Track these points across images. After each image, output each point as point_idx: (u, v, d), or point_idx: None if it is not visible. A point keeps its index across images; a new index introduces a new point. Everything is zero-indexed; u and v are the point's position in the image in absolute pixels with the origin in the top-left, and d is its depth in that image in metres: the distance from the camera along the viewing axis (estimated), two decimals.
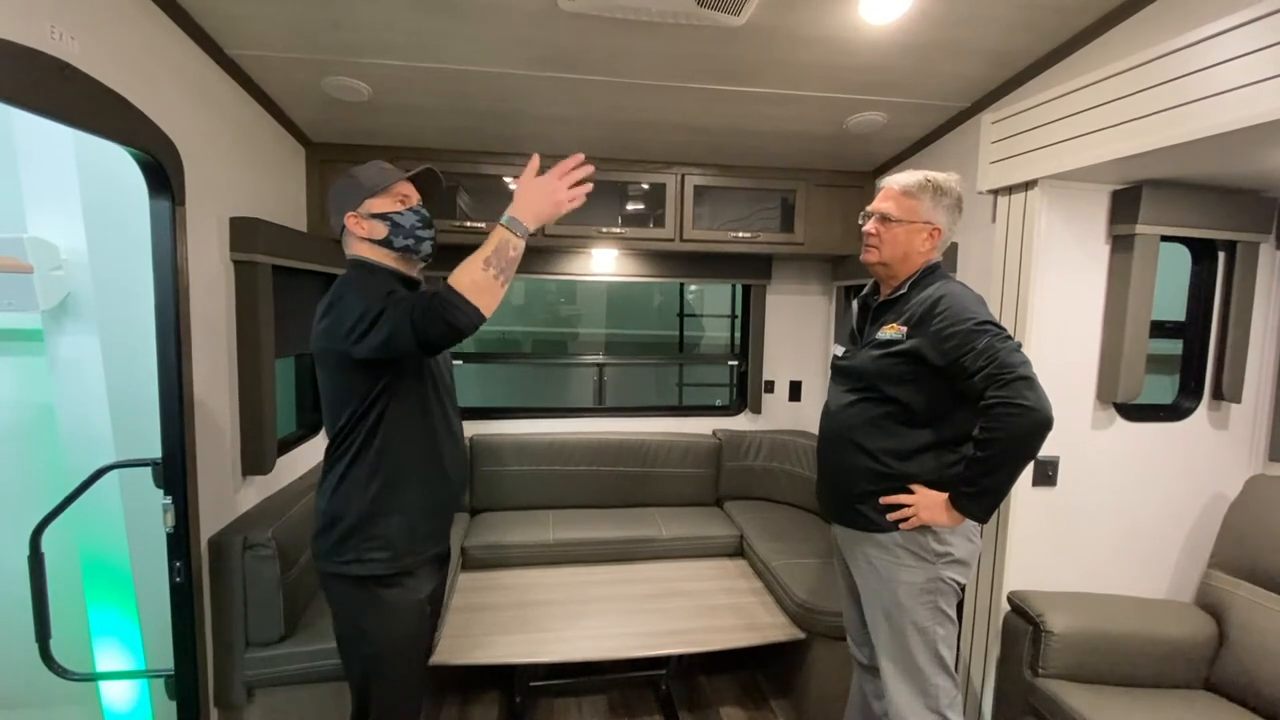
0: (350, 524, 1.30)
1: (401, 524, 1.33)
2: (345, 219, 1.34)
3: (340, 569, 1.32)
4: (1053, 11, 1.61)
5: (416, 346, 1.20)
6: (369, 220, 1.34)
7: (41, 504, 1.72)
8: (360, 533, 1.31)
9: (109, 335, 2.21)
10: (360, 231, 1.34)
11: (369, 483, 1.31)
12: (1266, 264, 1.87)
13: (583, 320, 9.03)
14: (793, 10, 1.60)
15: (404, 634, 1.38)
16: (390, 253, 1.36)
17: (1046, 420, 1.27)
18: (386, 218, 1.34)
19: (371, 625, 1.35)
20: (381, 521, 1.31)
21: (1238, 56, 1.21)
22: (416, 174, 1.41)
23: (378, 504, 1.31)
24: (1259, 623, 1.65)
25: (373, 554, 1.31)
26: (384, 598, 1.34)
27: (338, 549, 1.32)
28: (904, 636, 1.45)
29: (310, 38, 1.72)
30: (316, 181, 2.45)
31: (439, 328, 1.17)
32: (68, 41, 1.20)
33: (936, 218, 1.45)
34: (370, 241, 1.35)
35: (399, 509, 1.33)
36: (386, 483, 1.32)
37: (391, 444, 1.31)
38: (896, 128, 2.29)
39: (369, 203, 1.34)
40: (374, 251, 1.36)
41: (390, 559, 1.32)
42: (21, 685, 2.38)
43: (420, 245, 1.37)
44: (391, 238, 1.34)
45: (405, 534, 1.34)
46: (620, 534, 2.71)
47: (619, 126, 2.31)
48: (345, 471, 1.31)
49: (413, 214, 1.36)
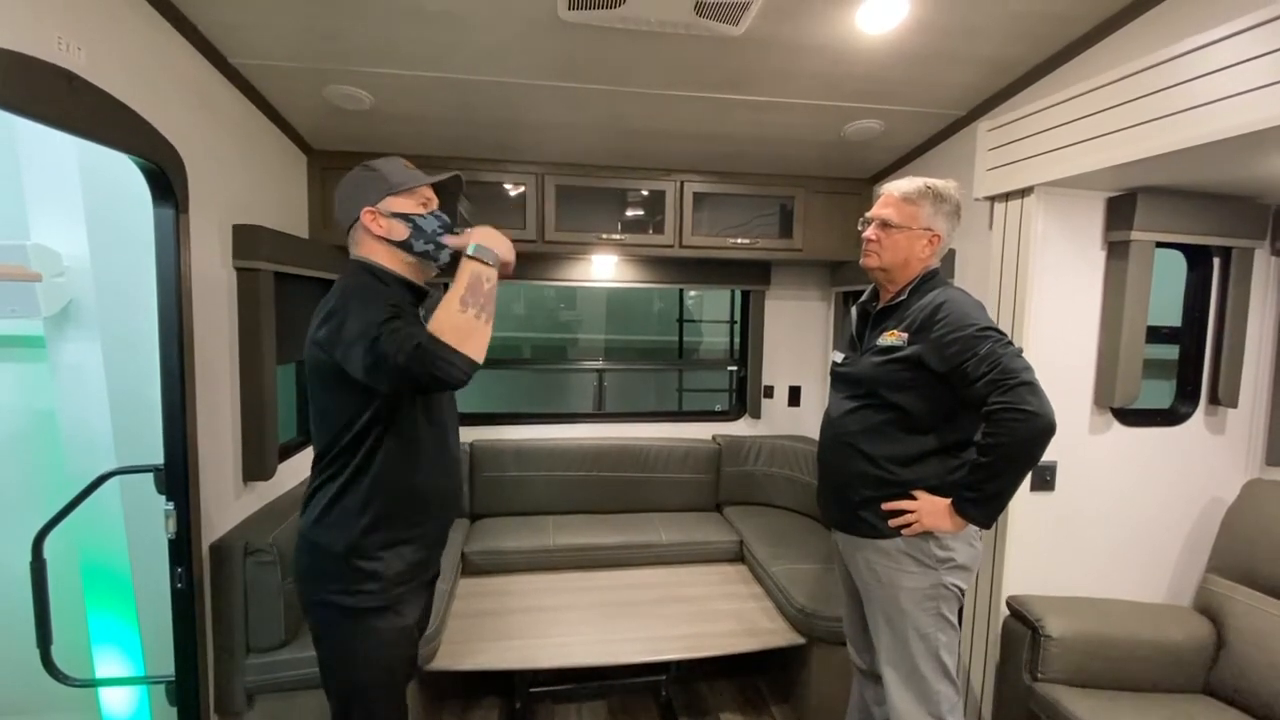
0: (338, 553, 1.23)
1: (394, 558, 1.26)
2: (361, 213, 1.24)
3: (328, 597, 1.25)
4: (1046, 21, 1.63)
5: (414, 391, 1.14)
6: (388, 219, 1.24)
7: (42, 510, 1.72)
8: (348, 564, 1.23)
9: (110, 341, 2.22)
10: (377, 230, 1.24)
11: (360, 514, 1.23)
12: (1261, 270, 1.88)
13: (583, 326, 9.03)
14: (791, 20, 1.62)
15: (390, 660, 1.32)
16: (406, 257, 1.27)
17: (1050, 425, 1.27)
18: (408, 219, 1.24)
19: (358, 653, 1.27)
20: (372, 555, 1.24)
21: (1231, 65, 1.22)
22: (443, 180, 1.31)
23: (370, 537, 1.23)
24: (1257, 627, 1.66)
25: (362, 585, 1.24)
26: (372, 626, 1.26)
27: (324, 577, 1.25)
28: (906, 642, 1.45)
29: (313, 47, 1.73)
30: (318, 188, 2.46)
31: (428, 383, 1.09)
32: (74, 52, 1.21)
33: (936, 224, 1.47)
34: (386, 242, 1.25)
35: (392, 543, 1.26)
36: (380, 516, 1.24)
37: (386, 474, 1.23)
38: (894, 135, 2.31)
39: (390, 200, 1.24)
40: (387, 254, 1.26)
41: (379, 591, 1.25)
42: (20, 691, 2.37)
43: (440, 252, 1.27)
44: (412, 240, 1.25)
45: (397, 565, 1.27)
46: (620, 539, 2.72)
47: (619, 134, 2.33)
48: (336, 498, 1.23)
49: (435, 218, 1.27)
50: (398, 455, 1.25)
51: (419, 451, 1.28)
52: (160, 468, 1.63)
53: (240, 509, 1.91)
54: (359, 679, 1.30)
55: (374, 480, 1.23)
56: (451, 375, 1.09)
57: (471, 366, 1.12)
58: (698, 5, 1.53)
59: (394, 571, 1.27)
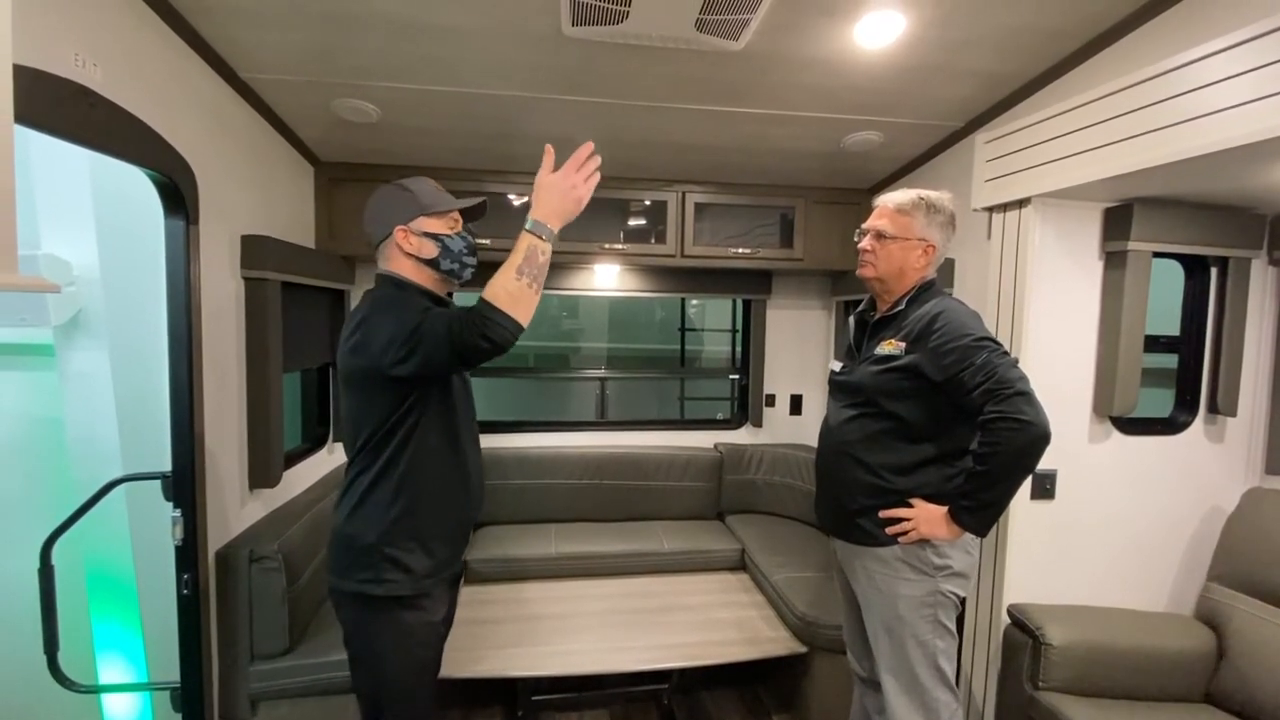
0: (369, 543, 1.28)
1: (421, 549, 1.32)
2: (394, 230, 1.31)
3: (358, 587, 1.30)
4: (1040, 36, 1.66)
5: (457, 362, 1.20)
6: (419, 237, 1.32)
7: (47, 516, 1.74)
8: (379, 554, 1.29)
9: (118, 350, 2.25)
10: (408, 247, 1.32)
11: (391, 505, 1.29)
12: (1258, 279, 1.89)
13: (585, 335, 9.05)
14: (790, 35, 1.65)
15: (421, 656, 1.37)
16: (433, 274, 1.35)
17: (1044, 434, 1.29)
18: (438, 239, 1.33)
19: (388, 647, 1.32)
20: (401, 545, 1.29)
21: (1225, 78, 1.24)
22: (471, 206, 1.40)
23: (399, 527, 1.29)
24: (1259, 636, 1.66)
25: (390, 575, 1.29)
26: (402, 619, 1.32)
27: (355, 567, 1.30)
28: (904, 650, 1.46)
29: (322, 62, 1.77)
30: (325, 199, 2.50)
31: (478, 343, 1.16)
32: (90, 69, 1.24)
33: (930, 234, 1.49)
34: (415, 259, 1.33)
35: (419, 534, 1.31)
36: (409, 507, 1.30)
37: (416, 468, 1.30)
38: (892, 146, 2.34)
39: (423, 220, 1.32)
40: (415, 269, 1.34)
41: (409, 581, 1.30)
42: (24, 697, 2.38)
43: (464, 271, 1.37)
44: (440, 259, 1.33)
45: (424, 558, 1.32)
46: (622, 547, 2.72)
47: (622, 146, 2.36)
48: (367, 491, 1.29)
49: (461, 239, 1.36)
50: (425, 452, 1.31)
51: (444, 449, 1.34)
52: (168, 474, 1.65)
53: (246, 516, 1.93)
54: (387, 675, 1.34)
55: (403, 474, 1.29)
56: (501, 336, 1.17)
57: (519, 330, 1.20)
58: (699, 21, 1.56)
59: (421, 564, 1.32)
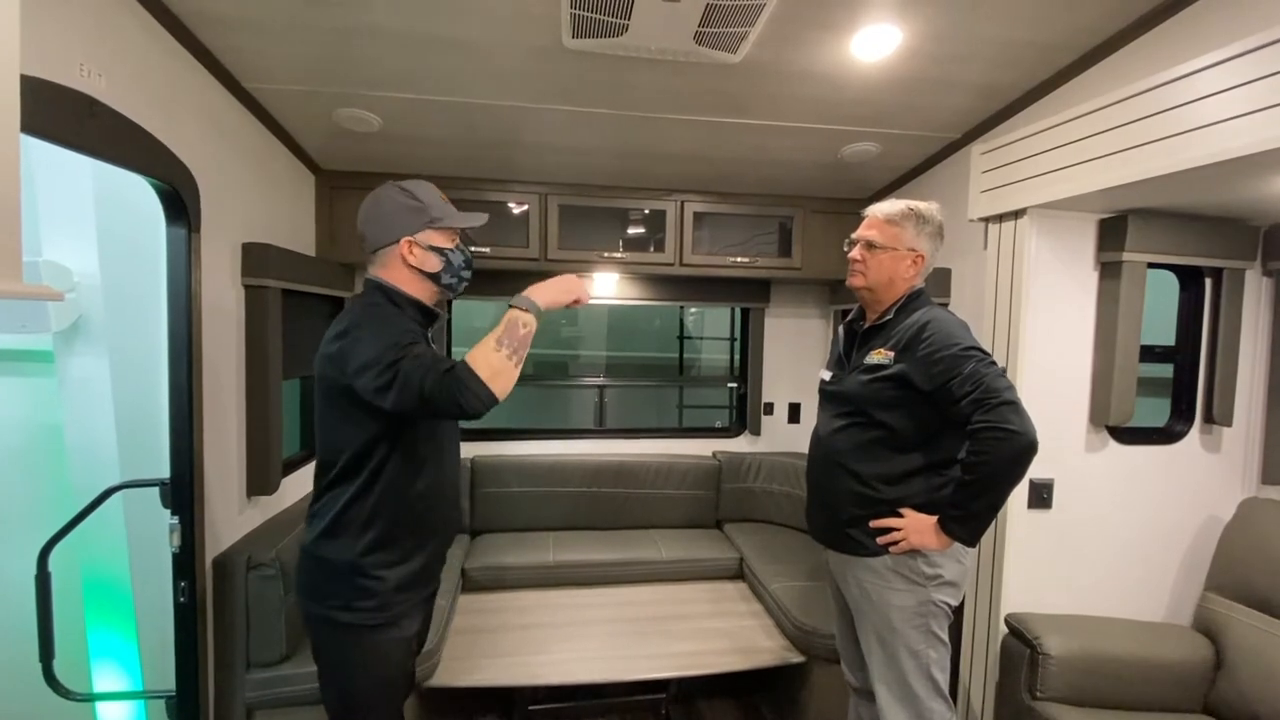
0: (339, 569, 1.25)
1: (394, 576, 1.28)
2: (400, 240, 1.27)
3: (327, 613, 1.27)
4: (1035, 49, 1.68)
5: (425, 414, 1.18)
6: (424, 250, 1.29)
7: (45, 523, 1.73)
8: (349, 581, 1.25)
9: (118, 357, 2.25)
10: (412, 260, 1.28)
11: (363, 531, 1.25)
12: (1253, 290, 1.91)
13: (584, 343, 9.06)
14: (787, 48, 1.67)
15: (389, 673, 1.33)
16: (432, 287, 1.33)
17: (1031, 444, 1.29)
18: (442, 253, 1.30)
19: (356, 665, 1.29)
20: (373, 572, 1.26)
21: (1220, 91, 1.26)
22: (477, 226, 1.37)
23: (371, 555, 1.26)
24: (1256, 646, 1.66)
25: (362, 602, 1.26)
26: (369, 640, 1.28)
27: (324, 592, 1.27)
28: (897, 660, 1.46)
29: (324, 72, 1.79)
30: (325, 207, 2.51)
31: (449, 407, 1.14)
32: (95, 79, 1.26)
33: (919, 244, 1.50)
34: (416, 271, 1.30)
35: (393, 561, 1.28)
36: (382, 534, 1.26)
37: (390, 493, 1.26)
38: (889, 157, 2.36)
39: (429, 233, 1.29)
40: (413, 281, 1.30)
41: (379, 608, 1.27)
42: (17, 704, 2.37)
43: (460, 285, 1.36)
44: (442, 274, 1.31)
45: (396, 585, 1.29)
46: (620, 556, 2.72)
47: (621, 155, 2.38)
48: (342, 511, 1.26)
49: (460, 253, 1.34)
50: (402, 471, 1.28)
51: (423, 468, 1.31)
52: (166, 481, 1.64)
53: (243, 523, 1.93)
54: (354, 691, 1.32)
55: (379, 495, 1.26)
56: (473, 406, 1.14)
57: (493, 403, 1.17)
58: (697, 34, 1.58)
59: (394, 583, 1.29)
